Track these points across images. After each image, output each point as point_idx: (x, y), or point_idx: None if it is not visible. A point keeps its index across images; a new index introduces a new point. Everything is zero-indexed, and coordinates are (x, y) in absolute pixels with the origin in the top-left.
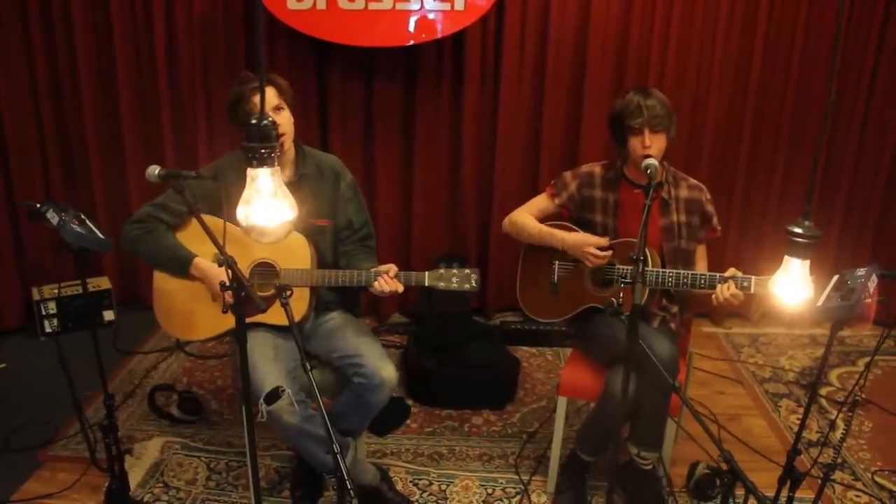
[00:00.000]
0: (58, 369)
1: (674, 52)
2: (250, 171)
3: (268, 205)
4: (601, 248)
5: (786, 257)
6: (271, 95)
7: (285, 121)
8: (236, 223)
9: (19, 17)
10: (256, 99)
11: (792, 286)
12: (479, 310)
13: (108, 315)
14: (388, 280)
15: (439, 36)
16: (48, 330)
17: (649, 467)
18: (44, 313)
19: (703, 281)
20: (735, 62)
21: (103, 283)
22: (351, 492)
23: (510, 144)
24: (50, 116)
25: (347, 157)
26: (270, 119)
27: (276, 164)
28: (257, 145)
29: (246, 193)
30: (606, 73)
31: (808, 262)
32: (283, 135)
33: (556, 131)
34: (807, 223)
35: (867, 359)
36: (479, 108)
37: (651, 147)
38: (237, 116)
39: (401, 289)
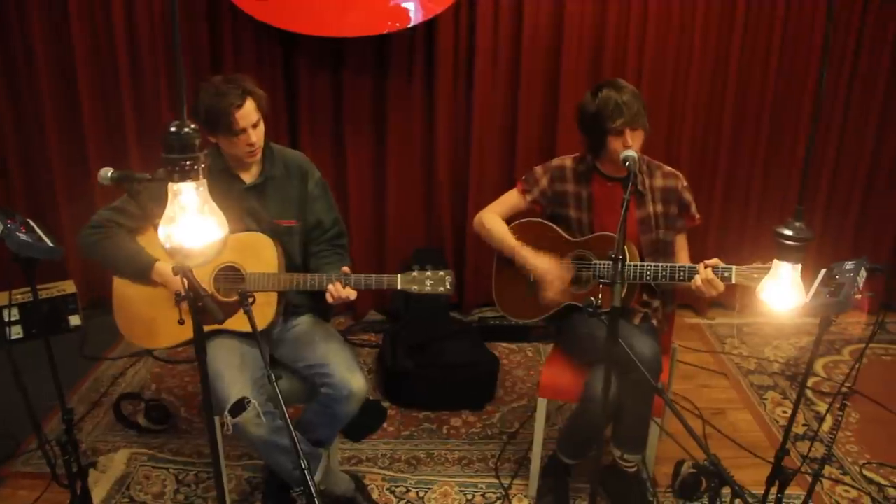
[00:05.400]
0: (20, 379)
1: (651, 42)
2: (172, 186)
3: (194, 223)
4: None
5: (775, 261)
6: (251, 110)
7: (261, 135)
8: None
9: None
10: (240, 114)
11: (782, 293)
12: (457, 306)
13: (74, 320)
14: (337, 289)
15: (413, 23)
16: (12, 337)
17: (633, 469)
18: (7, 320)
19: (682, 273)
20: (714, 52)
21: (68, 286)
22: None
23: (485, 137)
24: (8, 121)
25: (317, 151)
26: (192, 126)
27: (200, 176)
28: (178, 156)
29: (168, 211)
30: (582, 63)
31: (799, 267)
32: (256, 150)
33: (532, 124)
34: (797, 224)
35: (852, 347)
36: (453, 101)
37: (633, 145)
38: (210, 126)
39: (353, 296)
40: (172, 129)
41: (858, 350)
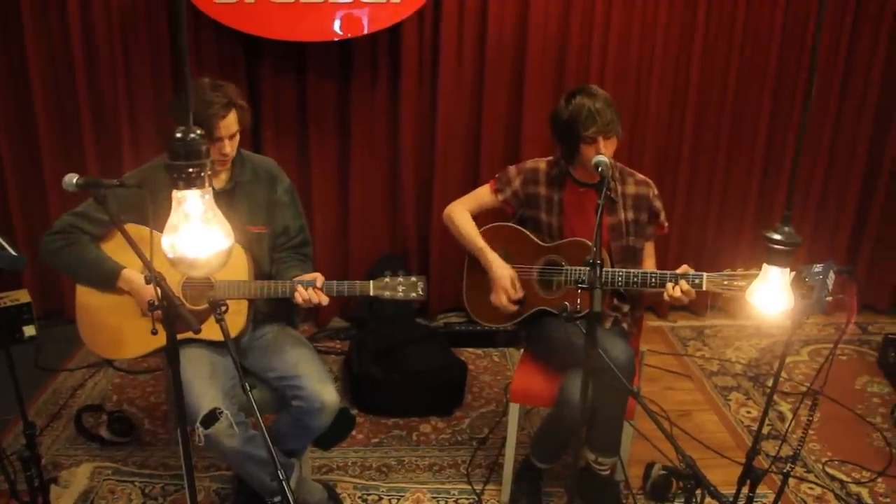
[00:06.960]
0: None
1: (615, 46)
2: (176, 194)
3: (198, 232)
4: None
5: (764, 265)
6: (232, 121)
7: (234, 146)
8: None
9: None
10: (222, 125)
11: (772, 296)
12: (422, 311)
13: (29, 330)
14: (311, 290)
15: (368, 31)
16: None
17: (606, 472)
18: None
19: (654, 280)
20: (676, 56)
21: (22, 296)
22: None
23: (450, 141)
24: None
25: (281, 155)
26: (199, 132)
27: (206, 183)
28: (184, 163)
29: (172, 219)
30: (547, 66)
31: (787, 270)
32: (226, 160)
33: (497, 127)
34: (786, 229)
35: (810, 348)
36: (418, 104)
37: (605, 152)
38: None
39: (325, 301)
40: (178, 135)
41: (816, 350)
